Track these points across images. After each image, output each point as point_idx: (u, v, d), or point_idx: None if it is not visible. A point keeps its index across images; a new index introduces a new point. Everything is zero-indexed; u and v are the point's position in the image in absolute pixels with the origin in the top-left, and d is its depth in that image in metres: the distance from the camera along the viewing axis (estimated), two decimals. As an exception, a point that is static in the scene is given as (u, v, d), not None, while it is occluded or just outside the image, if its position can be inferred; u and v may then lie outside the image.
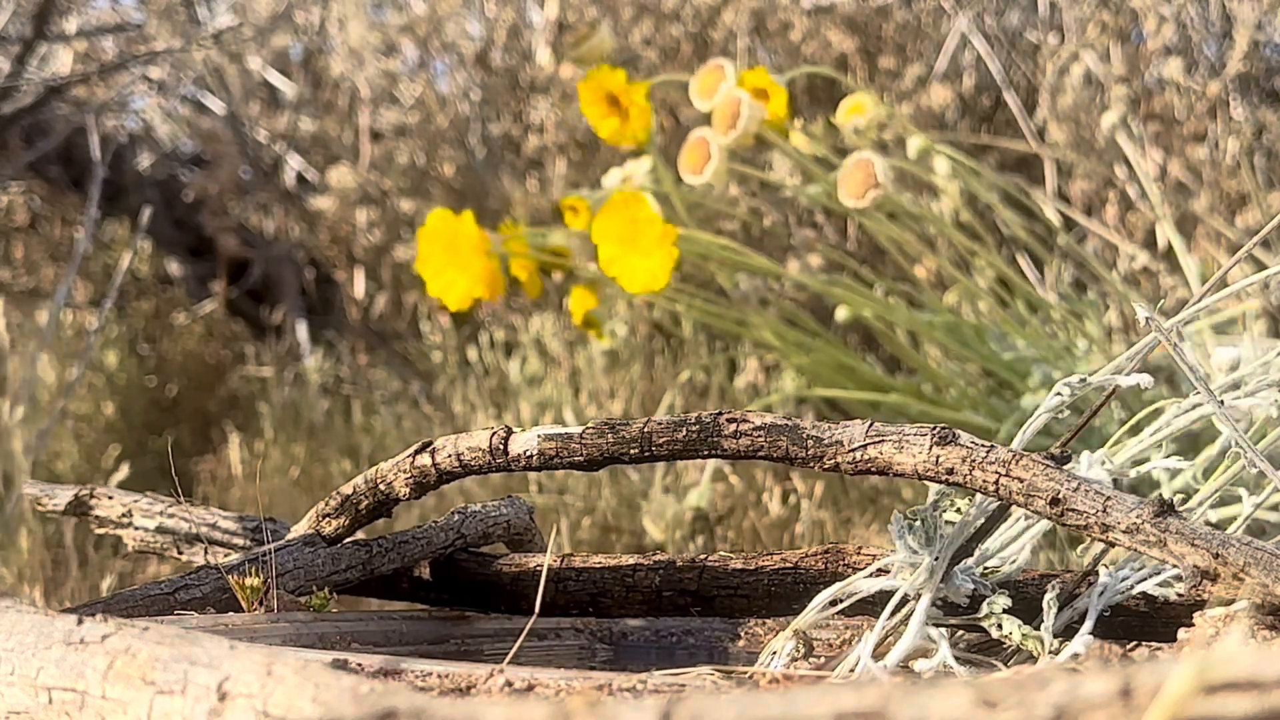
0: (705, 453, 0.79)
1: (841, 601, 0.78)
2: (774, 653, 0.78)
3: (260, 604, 0.83)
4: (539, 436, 0.82)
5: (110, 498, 1.03)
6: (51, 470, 1.77)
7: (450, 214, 1.57)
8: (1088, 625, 0.76)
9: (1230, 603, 0.70)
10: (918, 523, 0.77)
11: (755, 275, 1.64)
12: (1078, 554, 1.31)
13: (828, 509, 1.58)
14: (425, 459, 0.85)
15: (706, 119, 1.57)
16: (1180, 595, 0.76)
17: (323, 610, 0.85)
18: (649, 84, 1.59)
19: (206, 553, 0.98)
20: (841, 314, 1.68)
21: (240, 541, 0.99)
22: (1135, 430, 0.82)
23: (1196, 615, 0.73)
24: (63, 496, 1.06)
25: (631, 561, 0.88)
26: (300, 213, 2.31)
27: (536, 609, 0.80)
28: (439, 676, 0.65)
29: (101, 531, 1.03)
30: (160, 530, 1.02)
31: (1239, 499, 0.82)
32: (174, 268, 2.29)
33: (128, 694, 0.61)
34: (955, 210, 1.71)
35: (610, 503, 1.63)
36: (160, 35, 2.14)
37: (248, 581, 0.83)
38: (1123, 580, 0.78)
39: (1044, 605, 0.76)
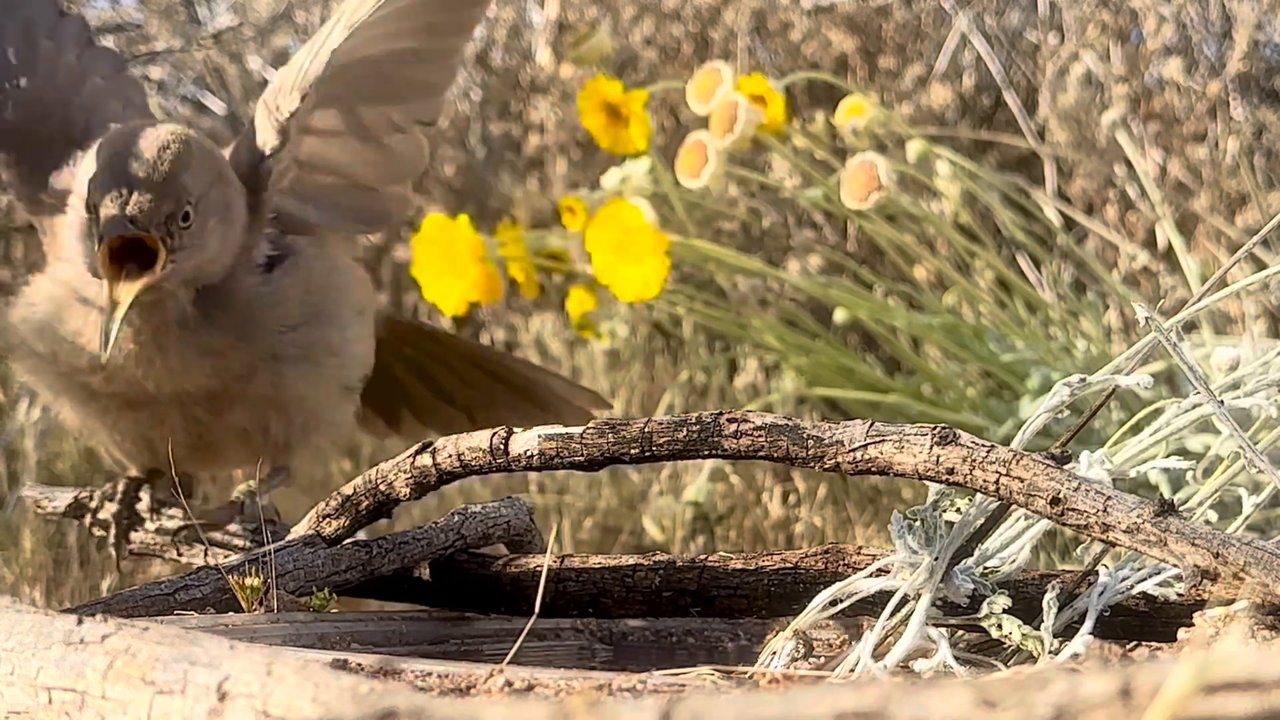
0: (705, 453, 0.79)
1: (841, 601, 0.78)
2: (774, 653, 0.78)
3: (260, 604, 0.83)
4: (539, 436, 0.82)
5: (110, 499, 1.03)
6: (51, 470, 1.77)
7: (446, 219, 1.57)
8: (1088, 625, 0.76)
9: (1230, 603, 0.70)
10: (918, 523, 0.77)
11: (754, 276, 1.64)
12: (1077, 554, 1.31)
13: (828, 509, 1.58)
14: (426, 459, 0.85)
15: (706, 120, 1.57)
16: (1180, 595, 0.76)
17: (323, 611, 0.85)
18: (646, 93, 1.59)
19: (206, 553, 0.98)
20: (840, 315, 1.68)
21: (240, 542, 0.99)
22: (1135, 430, 0.82)
23: (1196, 615, 0.73)
24: (62, 499, 1.05)
25: (631, 561, 0.88)
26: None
27: (536, 609, 0.80)
28: (439, 676, 0.65)
29: (101, 533, 1.03)
30: (160, 530, 1.02)
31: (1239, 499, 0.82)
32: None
33: (128, 694, 0.61)
34: (955, 211, 1.71)
35: (610, 503, 1.63)
36: (160, 35, 2.13)
37: (248, 582, 0.83)
38: (1123, 580, 0.78)
39: (1044, 605, 0.76)
